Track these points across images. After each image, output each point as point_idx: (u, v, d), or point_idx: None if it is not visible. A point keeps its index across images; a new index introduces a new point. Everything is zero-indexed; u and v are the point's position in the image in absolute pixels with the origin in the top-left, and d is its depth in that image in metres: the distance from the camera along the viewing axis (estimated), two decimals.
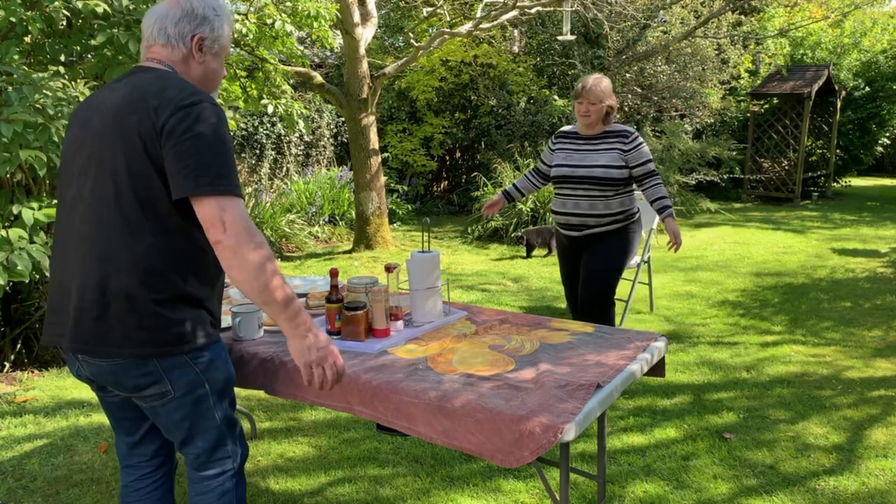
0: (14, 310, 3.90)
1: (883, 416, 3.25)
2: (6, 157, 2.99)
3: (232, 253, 1.51)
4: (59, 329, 1.64)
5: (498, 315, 2.39)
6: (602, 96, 3.38)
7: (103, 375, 1.63)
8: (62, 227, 1.65)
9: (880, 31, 12.64)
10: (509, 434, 1.60)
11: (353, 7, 6.72)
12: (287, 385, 1.90)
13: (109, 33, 3.46)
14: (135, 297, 1.55)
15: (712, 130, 11.57)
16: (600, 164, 3.37)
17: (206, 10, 1.70)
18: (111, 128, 1.57)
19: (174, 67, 1.68)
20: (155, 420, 1.72)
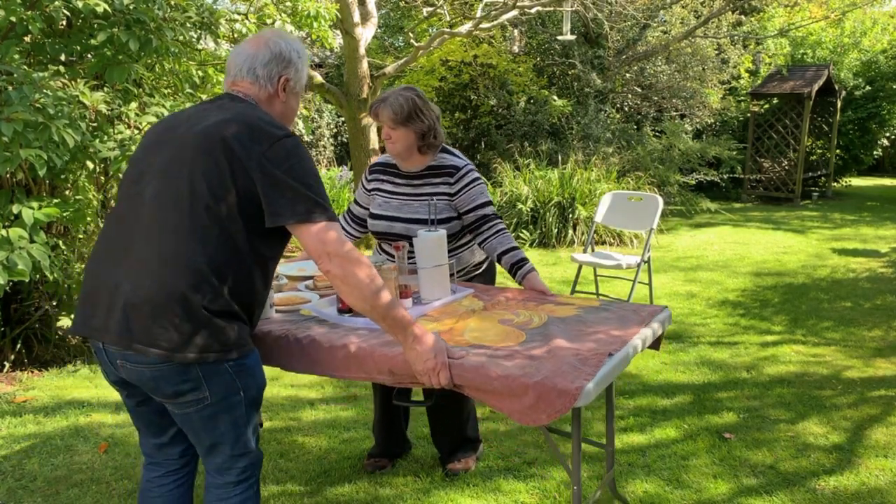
0: (14, 310, 3.90)
1: (883, 416, 3.25)
2: (6, 156, 2.99)
3: (341, 282, 1.67)
4: (100, 322, 1.65)
5: (504, 292, 2.43)
6: (403, 117, 2.42)
7: (143, 380, 1.66)
8: (123, 222, 1.70)
9: (880, 31, 12.64)
10: (527, 399, 1.69)
11: (352, 7, 6.72)
12: (302, 361, 1.96)
13: (109, 33, 3.46)
14: (190, 302, 1.59)
15: (712, 130, 11.57)
16: (422, 219, 2.50)
17: (292, 54, 1.84)
18: (200, 143, 1.66)
19: (258, 103, 1.81)
20: (185, 425, 1.74)
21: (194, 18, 4.14)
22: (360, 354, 1.88)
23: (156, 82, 4.43)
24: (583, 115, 9.68)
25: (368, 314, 1.72)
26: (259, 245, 1.70)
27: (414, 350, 1.74)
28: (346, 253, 1.65)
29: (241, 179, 1.63)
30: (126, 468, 2.82)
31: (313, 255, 1.67)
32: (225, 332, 1.65)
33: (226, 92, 1.84)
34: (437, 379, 1.76)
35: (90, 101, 3.41)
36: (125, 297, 1.60)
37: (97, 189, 4.09)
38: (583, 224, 7.61)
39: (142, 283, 1.60)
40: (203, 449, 1.78)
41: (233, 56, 1.85)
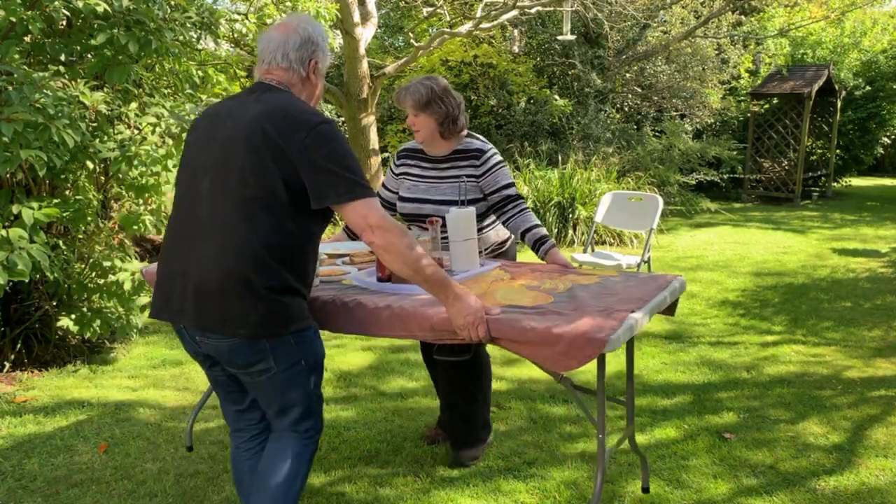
0: (14, 310, 3.90)
1: (883, 416, 3.25)
2: (6, 156, 2.99)
3: (384, 251, 1.84)
4: (177, 306, 1.85)
5: (528, 265, 2.64)
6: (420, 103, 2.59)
7: (220, 353, 1.87)
8: (184, 217, 1.88)
9: (880, 31, 12.64)
10: (559, 347, 1.88)
11: (353, 7, 6.73)
12: (349, 322, 2.14)
13: (110, 33, 3.46)
14: (252, 284, 1.77)
15: (712, 130, 11.57)
16: (451, 199, 2.65)
17: (318, 37, 1.98)
18: (245, 135, 1.81)
19: (291, 88, 1.95)
20: (255, 392, 1.96)
21: (194, 19, 4.14)
22: (403, 314, 2.06)
23: (156, 82, 4.43)
24: (583, 115, 9.68)
25: (411, 278, 1.89)
26: (307, 224, 1.86)
27: (454, 307, 1.91)
28: (386, 224, 1.82)
29: (286, 168, 1.78)
30: (126, 468, 2.82)
31: (357, 229, 1.84)
32: (286, 308, 1.83)
33: (259, 81, 1.95)
34: (476, 332, 1.93)
35: (90, 101, 3.41)
36: (195, 284, 1.80)
37: (97, 189, 4.09)
38: (583, 224, 7.61)
39: (208, 271, 1.78)
40: (272, 413, 1.98)
41: (263, 43, 1.95)
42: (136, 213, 3.90)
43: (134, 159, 3.51)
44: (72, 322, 3.73)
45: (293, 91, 1.95)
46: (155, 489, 2.66)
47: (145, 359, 4.10)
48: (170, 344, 4.36)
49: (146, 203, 4.14)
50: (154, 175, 3.77)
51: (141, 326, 4.12)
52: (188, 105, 3.69)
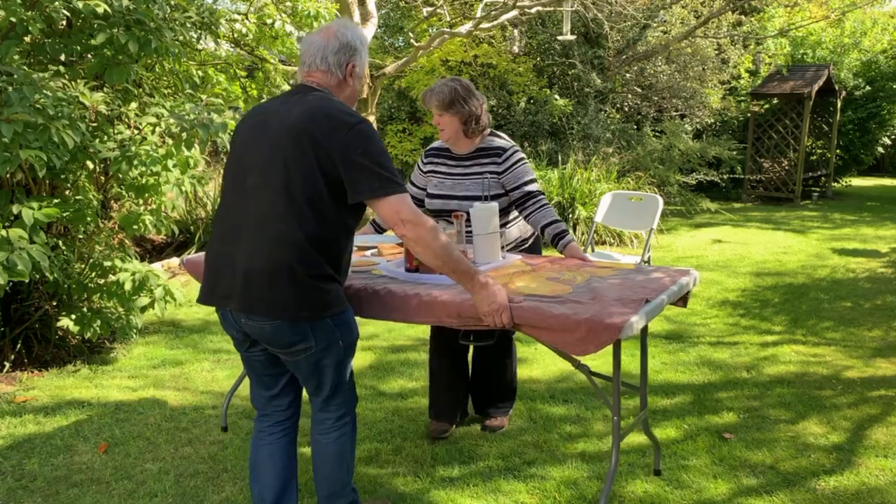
0: (14, 310, 3.90)
1: (883, 416, 3.24)
2: (6, 157, 2.99)
3: (415, 243, 2.00)
4: (224, 292, 2.01)
5: (547, 258, 2.80)
6: (444, 103, 2.73)
7: (263, 335, 2.00)
8: (231, 210, 2.03)
9: (880, 31, 12.63)
10: (578, 333, 2.01)
11: (353, 7, 6.73)
12: (380, 309, 2.31)
13: (109, 33, 3.46)
14: (295, 271, 1.92)
15: (712, 130, 11.57)
16: (474, 195, 2.80)
17: (356, 42, 2.12)
18: (289, 134, 1.95)
19: (330, 90, 2.09)
20: (295, 370, 2.11)
21: (194, 18, 4.14)
22: (431, 301, 2.22)
23: (156, 82, 4.44)
24: (583, 115, 9.68)
25: (440, 269, 2.06)
26: (344, 217, 2.02)
27: (480, 295, 2.06)
28: (417, 219, 1.98)
29: (326, 164, 1.93)
30: (126, 468, 2.82)
31: (389, 223, 1.99)
32: (325, 294, 1.99)
33: (301, 83, 2.11)
34: (500, 319, 2.07)
35: (90, 101, 3.41)
36: (243, 272, 1.95)
37: (97, 189, 4.09)
38: (583, 224, 7.61)
39: (255, 259, 1.94)
40: (311, 389, 2.15)
41: (305, 47, 2.11)
42: (136, 213, 3.90)
43: (134, 159, 3.51)
44: (72, 322, 3.73)
45: (332, 92, 2.09)
46: (155, 489, 2.67)
47: (145, 359, 4.10)
48: (170, 344, 4.36)
49: (146, 203, 4.14)
50: (154, 175, 3.77)
51: (141, 326, 4.12)
52: (188, 105, 3.68)
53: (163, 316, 4.45)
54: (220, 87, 4.87)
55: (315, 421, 2.20)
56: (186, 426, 3.21)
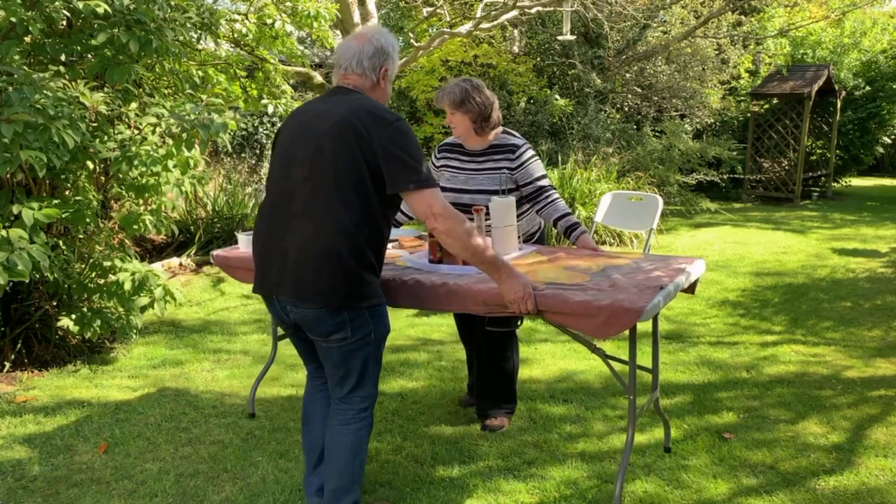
0: (14, 310, 3.90)
1: (883, 416, 3.25)
2: (7, 157, 2.99)
3: (445, 235, 2.11)
4: (274, 280, 2.14)
5: (562, 249, 2.94)
6: (455, 102, 2.86)
7: (306, 321, 2.13)
8: (280, 202, 2.16)
9: (880, 31, 12.63)
10: (599, 318, 2.13)
11: (353, 7, 6.73)
12: (409, 298, 2.43)
13: (110, 33, 3.45)
14: (343, 259, 2.05)
15: (712, 130, 11.56)
16: (487, 189, 2.93)
17: (389, 48, 2.25)
18: (335, 130, 2.08)
19: (364, 91, 2.22)
20: (326, 359, 2.22)
21: (194, 19, 4.13)
22: (458, 290, 2.34)
23: (156, 82, 4.43)
24: (583, 115, 9.68)
25: (468, 259, 2.17)
26: (385, 208, 2.15)
27: (506, 283, 2.17)
28: (448, 212, 2.10)
29: (368, 157, 2.06)
30: (126, 468, 2.82)
31: (421, 215, 2.11)
32: (367, 285, 2.12)
33: (338, 85, 2.25)
34: (525, 306, 2.18)
35: (90, 101, 3.41)
36: (293, 261, 2.08)
37: (97, 189, 4.09)
38: (583, 224, 7.61)
39: (305, 248, 2.06)
40: (335, 380, 2.24)
41: (341, 51, 2.25)
42: (136, 213, 3.90)
43: (134, 159, 3.51)
44: (72, 322, 3.73)
45: (366, 93, 2.22)
46: (155, 489, 2.67)
47: (145, 359, 4.10)
48: (170, 344, 4.37)
49: (146, 203, 4.14)
50: (154, 175, 3.77)
51: (141, 326, 4.12)
52: (188, 105, 3.68)
53: (163, 316, 4.45)
54: (220, 87, 4.87)
55: (336, 411, 2.28)
56: (186, 426, 3.21)
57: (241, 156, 8.87)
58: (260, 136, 8.91)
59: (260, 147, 8.98)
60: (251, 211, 6.94)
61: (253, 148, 8.94)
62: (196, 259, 6.49)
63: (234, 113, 7.92)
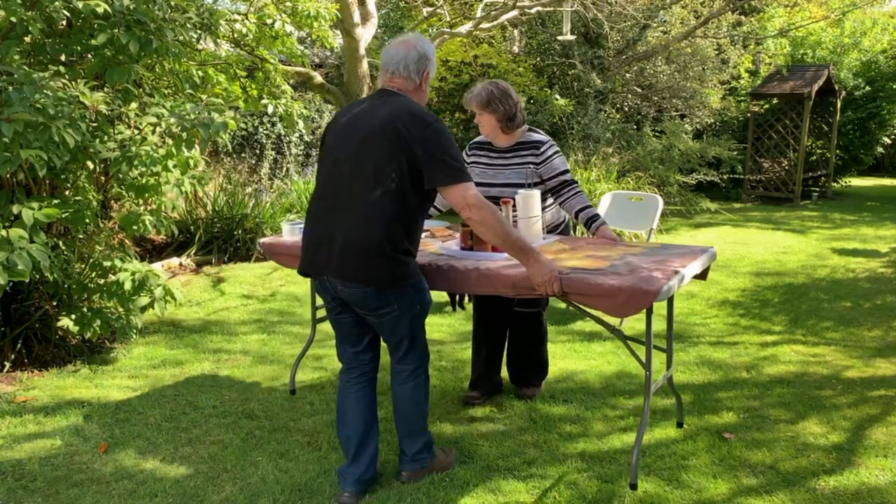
0: (14, 310, 3.90)
1: (883, 416, 3.25)
2: (7, 156, 2.99)
3: (479, 224, 2.35)
4: (323, 263, 2.39)
5: (583, 239, 3.17)
6: (482, 103, 3.09)
7: (355, 299, 2.39)
8: (328, 193, 2.41)
9: (880, 31, 12.62)
10: (620, 298, 2.33)
11: (353, 7, 6.73)
12: (444, 281, 2.66)
13: (110, 33, 3.46)
14: (384, 245, 2.30)
15: (712, 130, 11.56)
16: (514, 183, 3.17)
17: (430, 54, 2.50)
18: (379, 130, 2.32)
19: (407, 94, 2.46)
20: (380, 330, 2.50)
21: (194, 19, 4.13)
22: (489, 274, 2.56)
23: (156, 82, 4.43)
24: (583, 115, 9.68)
25: (499, 245, 2.41)
26: (421, 201, 2.38)
27: (535, 268, 2.38)
28: (481, 203, 2.32)
29: (409, 155, 2.29)
30: (126, 468, 2.82)
31: (457, 207, 2.33)
32: (407, 266, 2.38)
33: (384, 87, 2.47)
34: (552, 288, 2.39)
35: (90, 101, 3.41)
36: (340, 246, 2.33)
37: (97, 189, 4.09)
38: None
39: (351, 234, 2.31)
40: (391, 345, 2.55)
41: (388, 56, 2.46)
42: (136, 213, 3.90)
43: (134, 159, 3.51)
44: (72, 322, 3.73)
45: (409, 95, 2.45)
46: (155, 489, 2.67)
47: (145, 359, 4.10)
48: (170, 344, 4.37)
49: (146, 203, 4.14)
50: (154, 175, 3.77)
51: (141, 326, 4.12)
52: (188, 105, 3.68)
53: (163, 316, 4.45)
54: (220, 87, 4.87)
55: (393, 373, 2.60)
56: (186, 426, 3.21)
57: (241, 156, 8.87)
58: (260, 136, 8.91)
59: (260, 147, 8.98)
60: (251, 211, 6.94)
61: (253, 148, 8.93)
62: (196, 259, 6.49)
63: (234, 113, 7.92)
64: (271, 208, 7.22)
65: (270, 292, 5.60)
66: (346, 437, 2.58)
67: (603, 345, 4.27)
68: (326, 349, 4.21)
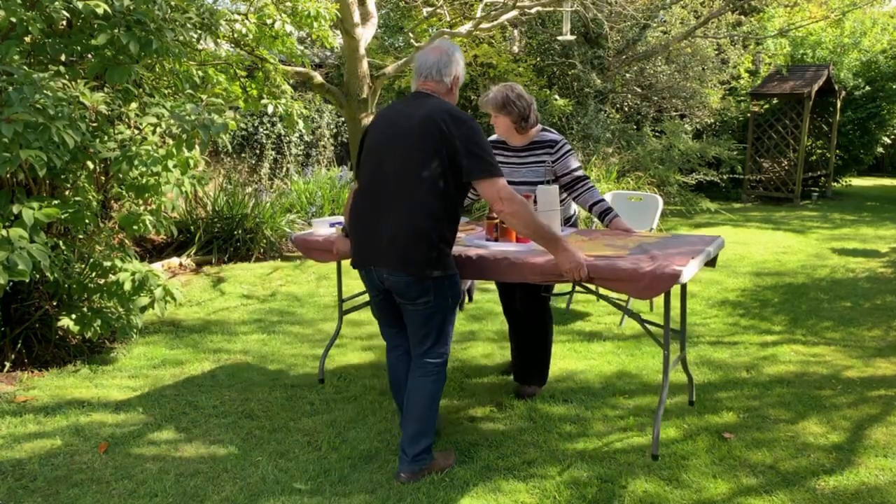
0: (14, 310, 3.90)
1: (883, 416, 3.25)
2: (7, 157, 2.99)
3: (511, 216, 2.53)
4: (371, 254, 2.58)
5: (599, 231, 3.40)
6: (497, 105, 3.25)
7: (398, 287, 2.56)
8: (373, 190, 2.58)
9: (880, 31, 12.62)
10: (643, 282, 2.55)
11: (353, 7, 6.73)
12: (474, 270, 2.86)
13: (110, 33, 3.46)
14: (427, 237, 2.48)
15: (712, 130, 11.56)
16: (529, 181, 3.32)
17: (461, 59, 2.69)
18: (418, 129, 2.49)
19: (440, 96, 2.62)
20: (411, 321, 2.65)
21: (195, 19, 4.13)
22: (518, 263, 2.76)
23: (156, 82, 4.43)
24: (583, 115, 9.68)
25: (529, 235, 2.58)
26: (459, 194, 2.56)
27: (562, 255, 2.58)
28: (513, 197, 2.50)
29: (448, 151, 2.46)
30: (126, 468, 2.82)
31: (490, 199, 2.51)
32: (446, 258, 2.55)
33: (418, 90, 2.64)
34: (579, 274, 2.58)
35: (90, 101, 3.41)
36: (388, 238, 2.51)
37: (97, 189, 4.10)
38: (582, 224, 7.60)
39: (398, 226, 2.49)
40: (417, 339, 2.68)
41: (421, 61, 2.64)
42: (136, 213, 3.90)
43: (134, 159, 3.51)
44: (72, 322, 3.73)
45: (442, 97, 2.61)
46: (155, 489, 2.67)
47: (145, 359, 4.10)
48: (170, 344, 4.37)
49: (146, 203, 4.14)
50: (154, 175, 3.77)
51: (141, 326, 4.12)
52: (188, 105, 3.68)
53: (163, 316, 4.45)
54: (221, 87, 4.87)
55: (415, 366, 2.71)
56: (187, 426, 3.21)
57: (241, 156, 8.87)
58: (260, 136, 8.91)
59: (260, 147, 8.98)
60: (251, 211, 6.94)
61: (253, 148, 8.93)
62: (196, 259, 6.49)
63: (234, 113, 7.93)
64: (271, 208, 7.22)
65: (270, 292, 5.60)
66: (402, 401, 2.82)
67: (603, 345, 4.28)
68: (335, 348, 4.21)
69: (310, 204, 8.22)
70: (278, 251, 7.01)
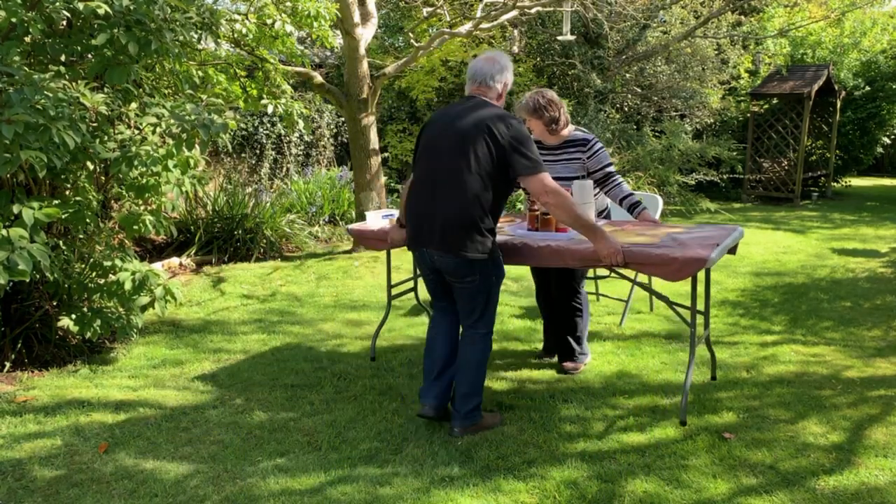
0: (14, 310, 3.90)
1: (883, 416, 3.25)
2: (7, 157, 2.99)
3: (556, 207, 2.87)
4: (426, 239, 2.91)
5: (629, 222, 3.73)
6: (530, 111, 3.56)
7: (448, 267, 2.90)
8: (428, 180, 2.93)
9: (880, 31, 12.61)
10: (674, 266, 2.88)
11: (353, 7, 6.72)
12: (518, 257, 3.20)
13: (110, 34, 3.46)
14: (477, 223, 2.83)
15: (712, 130, 11.56)
16: (563, 177, 3.55)
17: (510, 67, 3.03)
18: (471, 129, 2.83)
19: (491, 101, 2.96)
20: (459, 296, 3.01)
21: (195, 19, 4.13)
22: (559, 250, 3.12)
23: (156, 83, 4.44)
24: (583, 116, 9.68)
25: (572, 224, 2.93)
26: (506, 187, 2.91)
27: (601, 242, 2.91)
28: (558, 190, 2.84)
29: (497, 149, 2.81)
30: (126, 468, 2.82)
31: (536, 193, 2.86)
32: (491, 242, 2.90)
33: (472, 94, 2.99)
34: (616, 259, 2.91)
35: (90, 102, 3.41)
36: (441, 222, 2.84)
37: (97, 189, 4.10)
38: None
39: (451, 213, 2.82)
40: (465, 311, 3.03)
41: (475, 68, 2.98)
42: (136, 213, 3.90)
43: (134, 159, 3.51)
44: (72, 322, 3.73)
45: (492, 102, 2.94)
46: (155, 489, 2.67)
47: (145, 359, 4.10)
48: (170, 344, 4.37)
49: (146, 203, 4.14)
50: (154, 175, 3.77)
51: (141, 326, 4.12)
52: (188, 105, 3.68)
53: (163, 316, 4.45)
54: (220, 87, 4.87)
55: (465, 336, 3.05)
56: (186, 426, 3.21)
57: (241, 156, 8.86)
58: (260, 136, 8.91)
59: (260, 147, 8.97)
60: (251, 211, 6.94)
61: (253, 148, 8.93)
62: (196, 259, 6.49)
63: (234, 113, 7.93)
64: (271, 208, 7.22)
65: (270, 292, 5.60)
66: (432, 362, 3.10)
67: (603, 345, 4.28)
68: (335, 348, 4.22)
69: (310, 204, 8.22)
70: (278, 251, 7.01)
